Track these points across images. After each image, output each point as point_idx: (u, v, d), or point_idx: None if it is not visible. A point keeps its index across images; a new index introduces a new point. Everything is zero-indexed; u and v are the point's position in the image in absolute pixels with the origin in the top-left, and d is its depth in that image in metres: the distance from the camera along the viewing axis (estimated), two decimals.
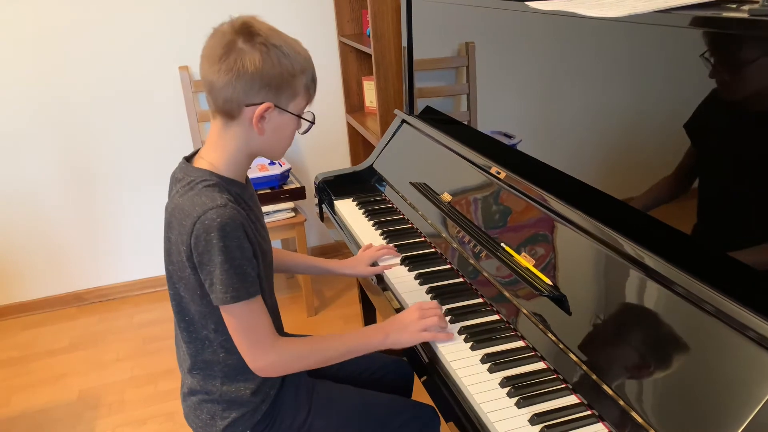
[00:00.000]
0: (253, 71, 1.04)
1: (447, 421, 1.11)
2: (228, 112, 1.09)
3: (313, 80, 1.14)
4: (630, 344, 0.98)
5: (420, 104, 1.96)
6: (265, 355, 1.12)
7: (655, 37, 1.03)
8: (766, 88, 0.85)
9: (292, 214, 2.60)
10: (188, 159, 1.18)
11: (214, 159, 1.13)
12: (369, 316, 2.23)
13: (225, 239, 1.04)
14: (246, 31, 1.05)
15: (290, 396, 1.25)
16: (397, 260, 1.49)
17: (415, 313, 1.20)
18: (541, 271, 1.19)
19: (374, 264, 1.49)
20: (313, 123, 1.17)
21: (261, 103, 1.07)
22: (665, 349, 0.93)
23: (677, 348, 0.91)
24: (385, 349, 1.21)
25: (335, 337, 1.20)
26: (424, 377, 1.20)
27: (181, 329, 1.19)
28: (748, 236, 0.92)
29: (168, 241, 1.13)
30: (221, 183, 1.11)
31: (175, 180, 1.17)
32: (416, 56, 1.92)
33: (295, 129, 1.15)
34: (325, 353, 1.18)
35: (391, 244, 1.56)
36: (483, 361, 1.11)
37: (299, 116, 1.13)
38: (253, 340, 1.11)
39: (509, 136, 1.52)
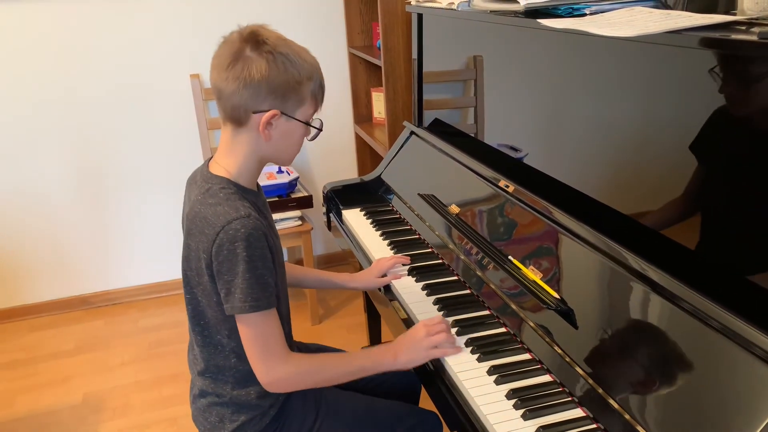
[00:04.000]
0: (260, 79, 1.06)
1: (451, 429, 1.12)
2: (237, 119, 1.11)
3: (321, 87, 1.15)
4: (636, 359, 0.99)
5: (426, 116, 1.98)
6: (277, 368, 1.13)
7: (663, 56, 1.04)
8: None
9: (299, 222, 2.62)
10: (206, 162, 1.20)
11: (228, 165, 1.15)
12: (374, 325, 2.23)
13: (249, 249, 1.06)
14: (254, 39, 1.07)
15: (298, 402, 1.26)
16: (406, 270, 1.51)
17: (422, 330, 1.19)
18: (548, 284, 1.20)
19: (384, 276, 1.50)
20: (320, 130, 1.18)
21: (268, 110, 1.09)
22: (671, 364, 0.94)
23: (683, 363, 0.92)
24: (396, 370, 1.21)
25: (346, 356, 1.21)
26: (430, 386, 1.21)
27: (195, 333, 1.21)
28: (755, 252, 0.93)
29: (187, 247, 1.15)
30: (239, 191, 1.13)
31: (192, 181, 1.19)
32: (425, 69, 1.94)
33: (303, 135, 1.16)
34: (336, 370, 1.19)
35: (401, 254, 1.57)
36: (490, 372, 1.12)
37: (307, 123, 1.15)
38: (266, 350, 1.12)
39: (516, 150, 1.53)
